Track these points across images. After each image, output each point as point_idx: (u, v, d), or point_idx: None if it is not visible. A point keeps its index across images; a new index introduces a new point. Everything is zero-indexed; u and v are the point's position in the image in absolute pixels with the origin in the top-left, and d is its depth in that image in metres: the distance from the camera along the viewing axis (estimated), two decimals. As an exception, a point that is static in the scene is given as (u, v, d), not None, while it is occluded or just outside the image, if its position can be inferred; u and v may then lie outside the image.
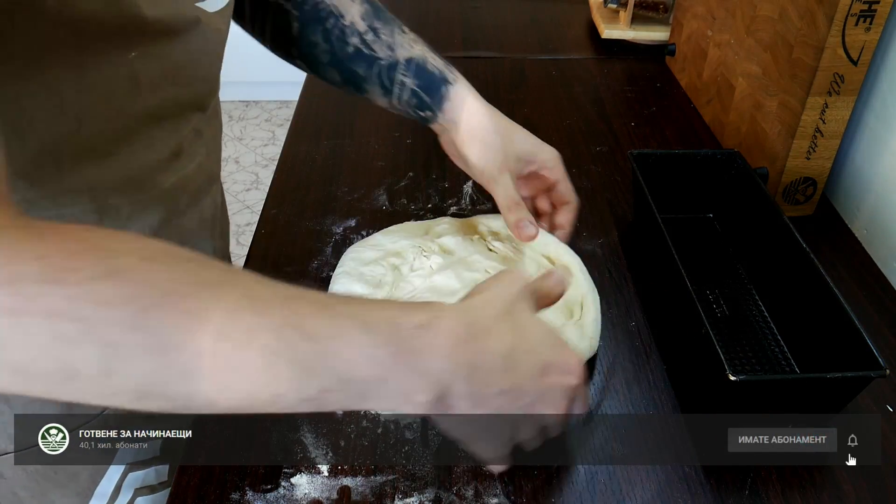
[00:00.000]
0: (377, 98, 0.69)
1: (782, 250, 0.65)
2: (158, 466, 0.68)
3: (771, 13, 0.80)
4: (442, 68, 0.68)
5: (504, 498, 0.51)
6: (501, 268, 0.66)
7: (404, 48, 0.69)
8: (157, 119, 0.53)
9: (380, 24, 0.69)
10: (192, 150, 0.58)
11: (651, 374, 0.61)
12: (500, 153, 0.66)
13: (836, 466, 0.54)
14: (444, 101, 0.66)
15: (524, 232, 0.64)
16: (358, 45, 0.67)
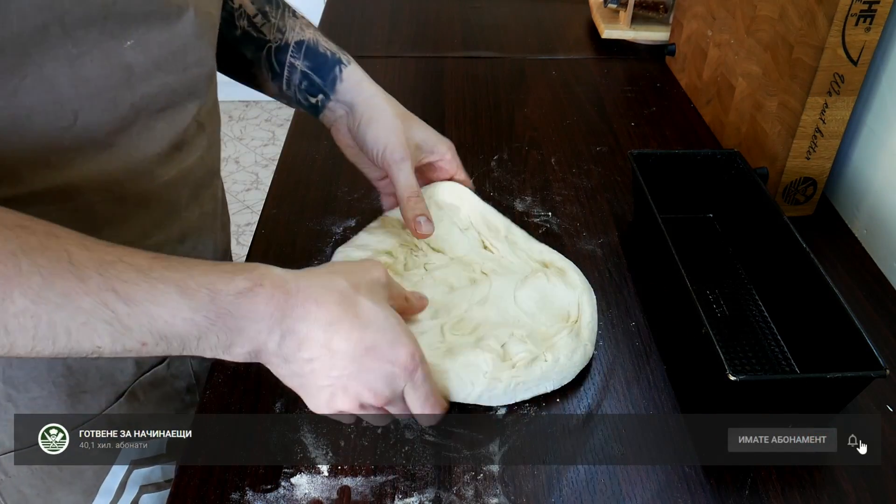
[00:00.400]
0: (266, 83, 0.68)
1: (782, 250, 0.65)
2: (165, 465, 0.68)
3: (771, 13, 0.80)
4: (335, 51, 0.67)
5: (504, 498, 0.51)
6: (500, 271, 0.66)
7: (295, 31, 0.67)
8: (154, 109, 0.53)
9: (270, 7, 0.68)
10: (193, 142, 0.58)
11: (651, 374, 0.61)
12: (402, 136, 0.64)
13: (836, 466, 0.54)
14: (336, 83, 0.66)
15: (422, 229, 0.63)
16: (246, 27, 0.66)
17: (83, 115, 0.47)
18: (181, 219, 0.60)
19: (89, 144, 0.49)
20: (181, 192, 0.59)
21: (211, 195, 0.65)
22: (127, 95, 0.50)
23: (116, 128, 0.50)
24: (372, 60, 1.12)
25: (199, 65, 0.56)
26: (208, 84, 0.58)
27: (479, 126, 0.96)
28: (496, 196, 0.82)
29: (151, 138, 0.53)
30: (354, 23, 1.24)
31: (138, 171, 0.53)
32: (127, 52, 0.48)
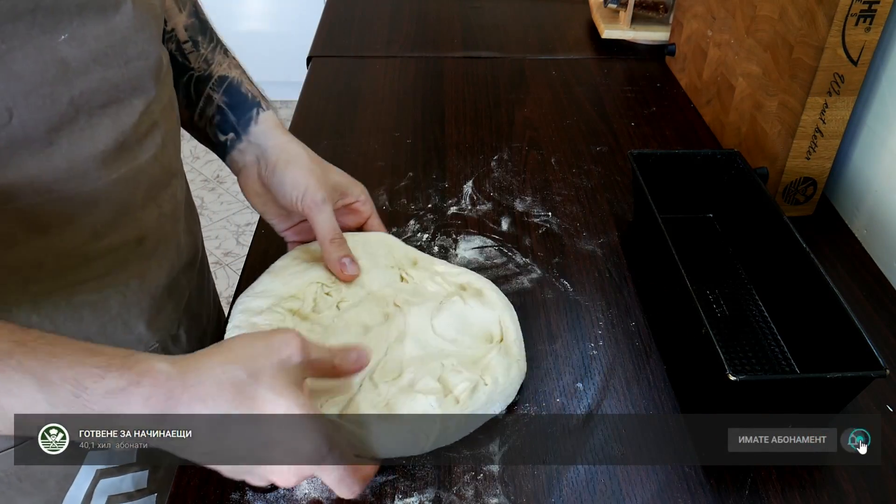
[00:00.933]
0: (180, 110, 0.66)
1: (782, 250, 0.65)
2: (136, 473, 0.66)
3: (771, 13, 0.80)
4: (256, 95, 0.67)
5: (504, 498, 0.51)
6: (415, 300, 0.62)
7: (221, 66, 0.67)
8: (96, 105, 0.51)
9: (202, 38, 0.67)
10: (144, 140, 0.56)
11: (651, 374, 0.61)
12: (321, 180, 0.63)
13: (836, 466, 0.55)
14: (250, 124, 0.65)
15: (347, 270, 0.61)
16: (172, 51, 0.65)
17: (18, 112, 0.46)
18: (136, 220, 0.58)
19: (27, 143, 0.47)
20: (134, 192, 0.57)
21: (170, 196, 0.63)
22: (64, 91, 0.48)
23: (55, 125, 0.48)
24: (372, 60, 1.12)
25: (142, 58, 0.54)
26: (156, 78, 0.56)
27: (479, 126, 0.96)
28: (496, 196, 0.82)
29: (94, 136, 0.51)
30: (354, 23, 1.24)
31: (82, 171, 0.51)
32: (61, 47, 0.47)
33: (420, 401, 0.53)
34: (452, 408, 0.53)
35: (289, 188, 0.63)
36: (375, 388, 0.54)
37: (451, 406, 0.53)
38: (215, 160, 2.59)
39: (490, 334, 0.60)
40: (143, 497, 0.67)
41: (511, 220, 0.78)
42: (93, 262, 0.55)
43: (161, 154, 0.59)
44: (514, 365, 0.58)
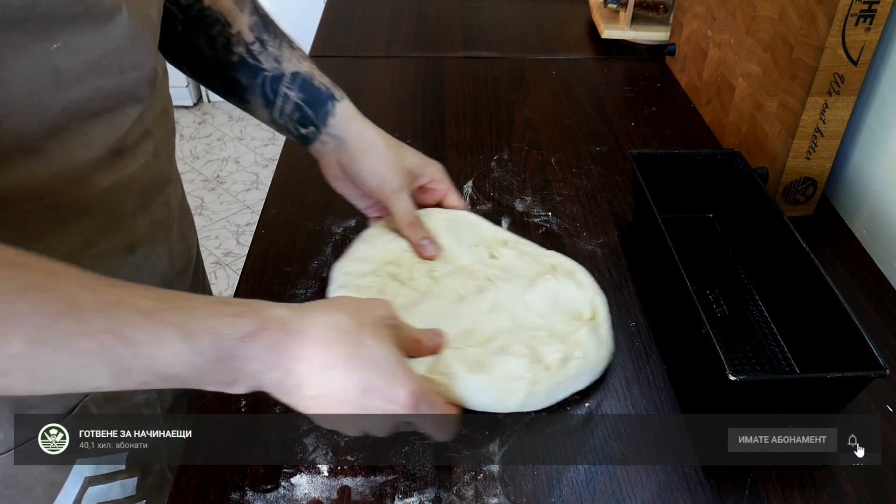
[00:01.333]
0: (258, 110, 0.69)
1: (782, 250, 0.65)
2: (124, 480, 0.66)
3: (771, 13, 0.80)
4: (329, 86, 0.68)
5: (504, 498, 0.51)
6: (506, 276, 0.65)
7: (291, 62, 0.68)
8: (88, 114, 0.51)
9: (268, 36, 0.68)
10: (137, 148, 0.56)
11: (651, 374, 0.61)
12: (396, 167, 0.66)
13: (836, 466, 0.55)
14: (328, 117, 0.67)
15: (427, 251, 0.66)
16: (243, 54, 0.67)
17: (9, 119, 0.46)
18: (127, 227, 0.58)
19: (18, 150, 0.47)
20: (125, 199, 0.57)
21: (163, 203, 0.63)
22: (57, 99, 0.48)
23: (47, 133, 0.48)
24: (372, 60, 1.12)
25: (137, 68, 0.54)
26: (151, 88, 0.56)
27: (479, 126, 0.96)
28: (496, 196, 0.82)
29: (87, 143, 0.51)
30: (354, 23, 1.24)
31: (74, 178, 0.51)
32: (54, 55, 0.46)
33: (511, 361, 0.56)
34: (543, 374, 0.56)
35: (367, 176, 0.66)
36: (465, 349, 0.57)
37: (541, 372, 0.56)
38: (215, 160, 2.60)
39: (580, 313, 0.62)
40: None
41: (511, 220, 0.78)
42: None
43: (153, 162, 0.60)
44: (603, 344, 0.60)
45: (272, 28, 0.69)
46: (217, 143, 2.65)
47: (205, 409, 0.57)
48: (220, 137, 2.66)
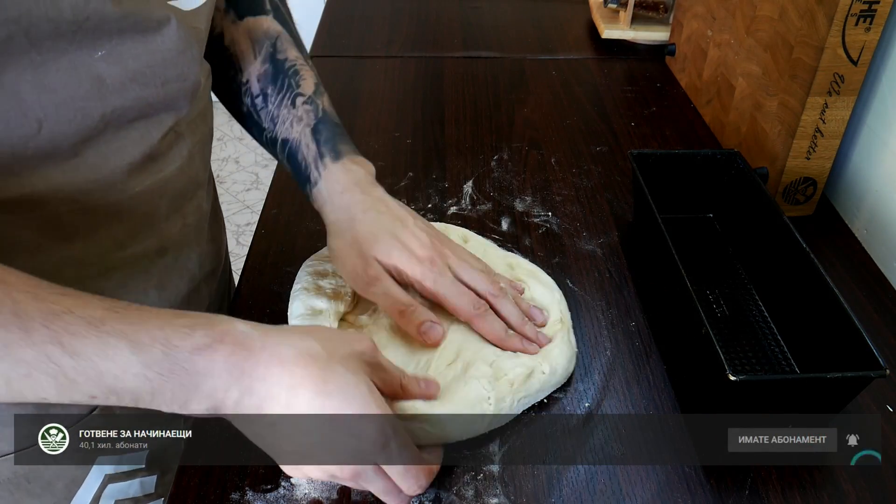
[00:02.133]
0: None
1: (782, 250, 0.65)
2: (144, 478, 0.66)
3: (771, 13, 0.80)
4: (310, 159, 0.61)
5: (504, 498, 0.51)
6: None
7: (284, 125, 0.63)
8: (126, 121, 0.51)
9: (272, 90, 0.63)
10: (170, 153, 0.56)
11: (651, 374, 0.61)
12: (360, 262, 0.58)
13: (836, 466, 0.55)
14: (311, 191, 0.62)
15: (430, 337, 0.57)
16: (249, 107, 0.64)
17: (48, 124, 0.46)
18: (159, 231, 0.58)
19: (54, 154, 0.47)
20: (158, 203, 0.57)
21: (195, 207, 0.63)
22: (98, 107, 0.48)
23: (84, 138, 0.48)
24: (372, 60, 1.12)
25: (180, 80, 0.53)
26: (191, 98, 0.56)
27: (479, 126, 0.96)
28: (496, 196, 0.82)
29: (122, 149, 0.51)
30: (354, 23, 1.24)
31: (108, 182, 0.51)
32: (98, 63, 0.46)
33: (473, 386, 0.54)
34: (506, 389, 0.55)
35: (339, 265, 0.60)
36: (430, 373, 0.56)
37: (504, 388, 0.55)
38: (215, 160, 2.59)
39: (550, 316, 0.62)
40: (150, 501, 0.67)
41: (511, 220, 0.78)
42: (113, 271, 0.55)
43: (187, 166, 0.59)
44: (572, 351, 0.60)
45: (280, 79, 0.64)
46: (217, 143, 2.65)
47: (205, 409, 0.57)
48: (220, 137, 2.66)
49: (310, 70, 0.65)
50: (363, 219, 0.59)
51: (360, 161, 0.63)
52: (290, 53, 0.64)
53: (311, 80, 0.65)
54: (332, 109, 0.65)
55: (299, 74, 0.64)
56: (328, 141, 0.62)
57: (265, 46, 0.64)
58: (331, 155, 0.62)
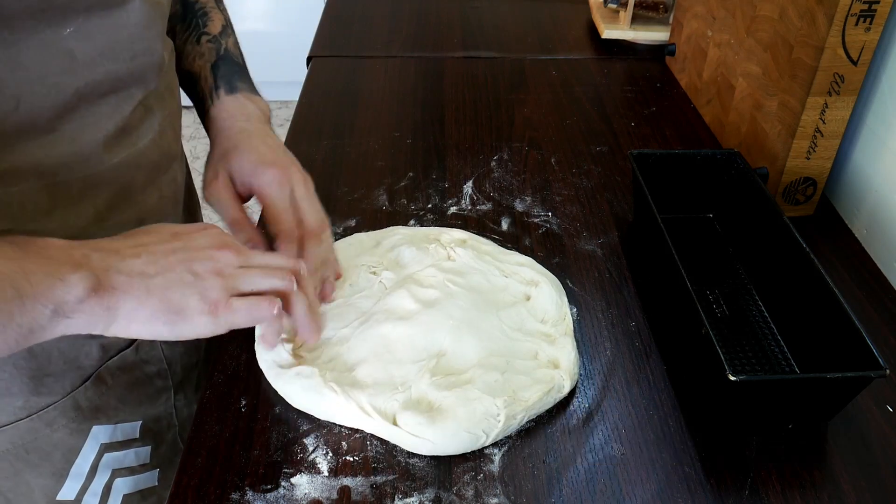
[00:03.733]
0: None
1: (782, 250, 0.65)
2: (139, 448, 0.68)
3: (771, 13, 0.80)
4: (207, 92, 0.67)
5: (504, 498, 0.51)
6: (460, 280, 0.63)
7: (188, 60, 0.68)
8: (98, 95, 0.53)
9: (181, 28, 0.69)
10: (141, 126, 0.58)
11: (651, 374, 0.61)
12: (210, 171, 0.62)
13: (835, 466, 0.55)
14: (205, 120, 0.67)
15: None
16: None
17: (24, 100, 0.48)
18: (137, 202, 0.60)
19: (32, 130, 0.49)
20: (134, 175, 0.59)
21: (170, 179, 0.65)
22: (70, 82, 0.50)
23: (59, 113, 0.50)
24: (372, 60, 1.12)
25: (147, 54, 0.56)
26: (157, 72, 0.58)
27: (479, 126, 0.96)
28: (496, 196, 0.82)
29: (96, 123, 0.53)
30: (354, 23, 1.24)
31: (85, 155, 0.53)
32: (67, 40, 0.48)
33: (484, 400, 0.54)
34: (518, 406, 0.55)
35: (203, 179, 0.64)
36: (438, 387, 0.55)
37: (517, 405, 0.55)
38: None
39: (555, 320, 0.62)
40: (145, 471, 0.69)
41: (511, 220, 0.78)
42: None
43: (159, 139, 0.61)
44: (578, 358, 0.60)
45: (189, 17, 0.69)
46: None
47: (205, 409, 0.57)
48: (219, 137, 2.66)
49: (219, 13, 0.70)
50: (233, 137, 0.63)
51: (255, 99, 0.67)
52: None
53: (218, 22, 0.69)
54: (238, 51, 0.69)
55: (207, 16, 0.69)
56: (224, 76, 0.66)
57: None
58: (225, 88, 0.66)
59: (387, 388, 0.55)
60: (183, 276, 0.46)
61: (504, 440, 0.55)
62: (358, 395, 0.55)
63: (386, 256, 0.67)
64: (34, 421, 0.60)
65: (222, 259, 0.49)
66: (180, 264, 0.47)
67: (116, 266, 0.45)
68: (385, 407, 0.54)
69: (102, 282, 0.44)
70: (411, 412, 0.53)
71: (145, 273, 0.45)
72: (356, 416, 0.54)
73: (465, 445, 0.53)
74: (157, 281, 0.45)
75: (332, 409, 0.55)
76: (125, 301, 0.44)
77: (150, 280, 0.45)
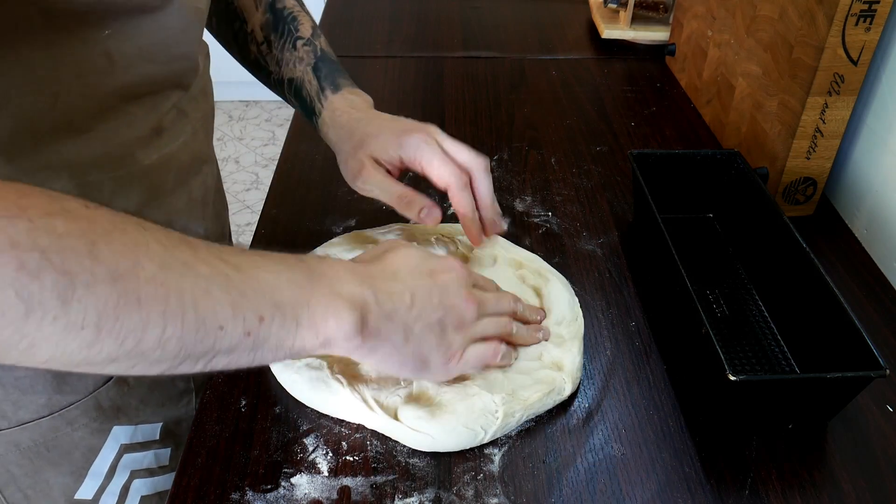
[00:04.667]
0: None
1: (782, 250, 0.65)
2: (158, 450, 0.68)
3: (771, 13, 0.80)
4: (314, 95, 0.67)
5: (504, 498, 0.51)
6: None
7: (288, 66, 0.68)
8: (134, 96, 0.54)
9: (275, 36, 0.69)
10: (174, 128, 0.59)
11: (651, 374, 0.61)
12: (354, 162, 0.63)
13: (835, 466, 0.55)
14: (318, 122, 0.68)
15: (431, 218, 0.61)
16: (256, 54, 0.70)
17: (62, 98, 0.48)
18: (167, 203, 0.60)
19: (68, 128, 0.50)
20: (165, 176, 0.59)
21: (200, 182, 0.66)
22: (108, 83, 0.51)
23: (95, 112, 0.51)
24: (372, 60, 1.12)
25: (185, 58, 0.57)
26: (193, 75, 0.60)
27: (479, 126, 0.96)
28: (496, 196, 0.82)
29: (131, 123, 0.54)
30: (354, 23, 1.24)
31: (118, 155, 0.54)
32: (106, 41, 0.49)
33: (484, 397, 0.54)
34: (517, 406, 0.54)
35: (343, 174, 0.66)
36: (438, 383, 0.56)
37: (517, 404, 0.54)
38: (215, 160, 2.59)
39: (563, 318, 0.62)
40: (164, 473, 0.70)
41: (511, 220, 0.78)
42: None
43: (192, 141, 0.62)
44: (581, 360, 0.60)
45: (281, 26, 0.69)
46: (217, 143, 2.65)
47: (205, 409, 0.57)
48: (220, 137, 2.66)
49: (306, 16, 0.71)
50: (359, 127, 0.64)
51: (357, 92, 0.68)
52: (288, 2, 0.70)
53: (308, 24, 0.70)
54: (330, 49, 0.70)
55: (297, 20, 0.69)
56: (328, 76, 0.67)
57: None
58: (331, 88, 0.67)
59: (389, 383, 0.56)
60: (434, 328, 0.49)
61: (504, 440, 0.55)
62: (362, 388, 0.55)
63: None
64: (56, 419, 0.60)
65: (467, 314, 0.51)
66: (434, 313, 0.49)
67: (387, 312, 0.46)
68: (387, 402, 0.54)
69: (369, 324, 0.45)
70: (412, 406, 0.53)
71: (407, 322, 0.48)
72: (360, 410, 0.54)
73: (464, 441, 0.53)
74: (415, 331, 0.48)
75: (336, 403, 0.55)
76: (384, 346, 0.47)
77: (410, 330, 0.48)
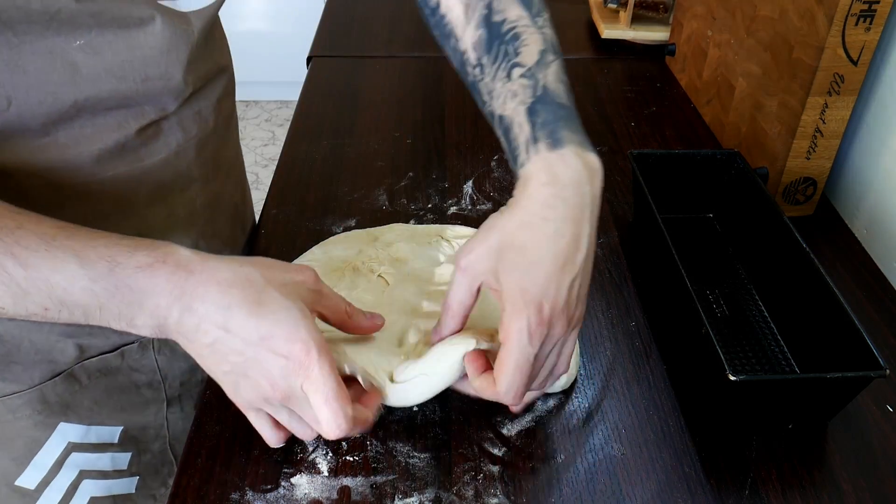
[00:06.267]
0: None
1: (782, 250, 0.65)
2: (116, 454, 0.67)
3: (771, 13, 0.80)
4: (521, 143, 0.51)
5: (504, 498, 0.51)
6: None
7: (499, 100, 0.54)
8: (101, 109, 0.52)
9: (488, 60, 0.55)
10: (152, 145, 0.57)
11: (651, 374, 0.61)
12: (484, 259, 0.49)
13: (835, 466, 0.55)
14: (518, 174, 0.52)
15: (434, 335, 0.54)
16: (472, 78, 0.57)
17: (17, 102, 0.48)
18: (139, 216, 0.59)
19: (23, 131, 0.49)
20: (136, 190, 0.58)
21: (186, 200, 0.63)
22: (70, 93, 0.50)
23: (54, 120, 0.50)
24: (372, 60, 1.12)
25: (163, 78, 0.54)
26: (175, 97, 0.56)
27: (479, 126, 0.96)
28: (496, 196, 0.82)
29: (94, 135, 0.53)
30: (354, 23, 1.24)
31: (75, 164, 0.53)
32: (75, 52, 0.48)
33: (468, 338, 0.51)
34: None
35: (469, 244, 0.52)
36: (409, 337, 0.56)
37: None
38: (215, 160, 2.59)
39: None
40: (121, 478, 0.68)
41: (511, 220, 0.78)
42: None
43: (175, 160, 0.60)
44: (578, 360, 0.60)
45: (496, 46, 0.54)
46: (217, 143, 2.64)
47: (205, 409, 0.57)
48: (220, 137, 2.66)
49: (535, 32, 0.54)
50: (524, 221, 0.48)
51: (586, 156, 0.51)
52: (511, 13, 0.53)
53: (534, 47, 0.53)
54: (561, 85, 0.55)
55: (519, 39, 0.53)
56: (547, 124, 0.52)
57: (479, 7, 0.54)
58: (548, 141, 0.50)
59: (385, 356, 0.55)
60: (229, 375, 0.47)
61: (504, 440, 0.55)
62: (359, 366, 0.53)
63: (384, 251, 0.67)
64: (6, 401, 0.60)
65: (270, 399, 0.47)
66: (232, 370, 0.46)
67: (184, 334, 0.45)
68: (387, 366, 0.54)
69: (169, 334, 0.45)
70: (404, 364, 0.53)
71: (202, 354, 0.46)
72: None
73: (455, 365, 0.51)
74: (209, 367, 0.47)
75: None
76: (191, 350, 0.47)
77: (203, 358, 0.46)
